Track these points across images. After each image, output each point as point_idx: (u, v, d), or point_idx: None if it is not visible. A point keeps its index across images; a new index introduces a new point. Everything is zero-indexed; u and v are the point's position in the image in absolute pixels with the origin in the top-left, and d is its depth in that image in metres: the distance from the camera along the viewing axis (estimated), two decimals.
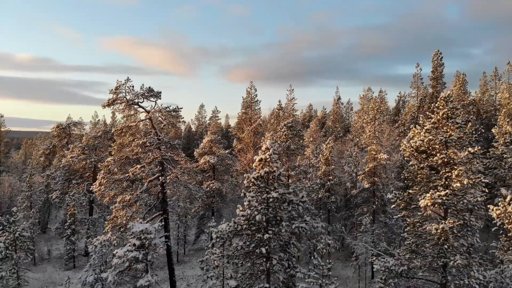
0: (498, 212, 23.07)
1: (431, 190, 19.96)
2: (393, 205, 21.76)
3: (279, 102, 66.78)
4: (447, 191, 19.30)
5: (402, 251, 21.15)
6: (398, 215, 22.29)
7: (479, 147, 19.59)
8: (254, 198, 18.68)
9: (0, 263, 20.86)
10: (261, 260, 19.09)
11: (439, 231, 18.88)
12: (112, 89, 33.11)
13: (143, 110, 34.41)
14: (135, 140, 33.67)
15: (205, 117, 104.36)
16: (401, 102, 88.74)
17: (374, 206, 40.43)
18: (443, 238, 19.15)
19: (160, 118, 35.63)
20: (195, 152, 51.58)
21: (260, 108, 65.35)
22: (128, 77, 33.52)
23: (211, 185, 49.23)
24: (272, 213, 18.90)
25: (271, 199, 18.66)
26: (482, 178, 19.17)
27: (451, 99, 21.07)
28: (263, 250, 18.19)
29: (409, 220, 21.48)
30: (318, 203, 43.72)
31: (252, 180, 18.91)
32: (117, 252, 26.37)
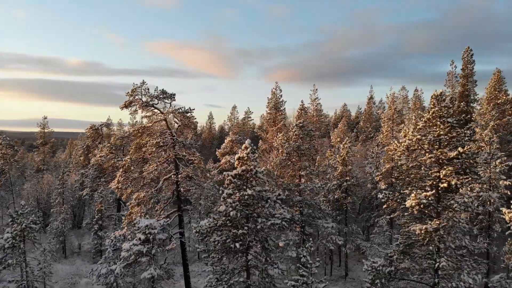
0: (511, 215, 22.32)
1: (418, 190, 19.64)
2: (384, 205, 21.56)
3: (302, 102, 66.64)
4: (433, 191, 18.95)
5: (391, 252, 20.93)
6: (392, 215, 22.04)
7: (469, 147, 19.05)
8: (229, 195, 19.30)
9: (10, 251, 22.81)
10: (237, 255, 19.65)
11: (423, 231, 18.58)
12: (128, 92, 34.87)
13: (159, 112, 35.94)
14: (151, 140, 35.24)
15: (237, 118, 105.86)
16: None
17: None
18: (427, 239, 18.81)
19: (175, 119, 37.09)
20: (217, 152, 52.83)
21: (285, 108, 65.61)
22: (143, 80, 35.17)
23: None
24: (248, 209, 19.41)
25: (246, 196, 19.18)
26: (470, 178, 18.62)
27: (443, 98, 20.62)
28: (237, 245, 18.75)
29: (402, 220, 21.24)
30: (336, 204, 43.44)
31: (230, 178, 19.56)
32: (124, 246, 28.00)
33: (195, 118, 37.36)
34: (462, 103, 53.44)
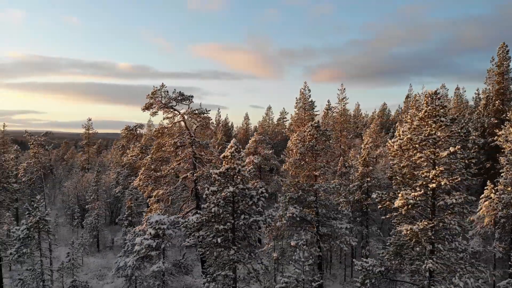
0: None
1: (408, 190, 19.43)
2: (379, 206, 21.45)
3: (328, 102, 66.13)
4: (421, 191, 18.70)
5: (383, 252, 20.78)
6: (387, 216, 21.84)
7: (459, 147, 18.61)
8: (214, 192, 20.04)
9: (28, 241, 25.00)
10: (221, 250, 20.33)
11: (409, 232, 18.37)
12: (148, 94, 36.69)
13: (177, 113, 37.48)
14: (170, 140, 36.87)
15: (272, 119, 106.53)
16: (477, 100, 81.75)
17: None
18: (414, 239, 18.57)
19: (194, 120, 38.50)
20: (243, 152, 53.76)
21: (314, 108, 65.43)
22: (162, 83, 36.85)
23: (255, 184, 50.87)
24: (231, 206, 20.06)
25: (228, 193, 19.82)
26: (460, 178, 18.19)
27: (438, 96, 20.26)
28: (219, 240, 19.45)
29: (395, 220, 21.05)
30: (357, 205, 43.00)
31: (215, 175, 20.30)
32: (136, 240, 29.61)
33: (211, 119, 38.61)
34: (497, 102, 50.93)
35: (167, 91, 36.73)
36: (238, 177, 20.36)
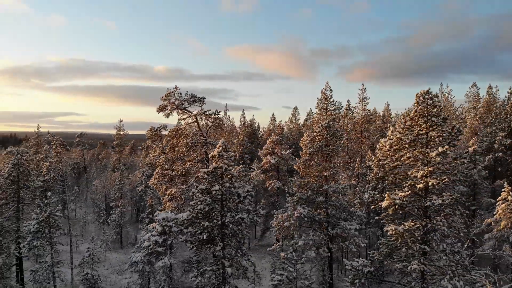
0: None
1: (396, 190, 19.31)
2: (372, 206, 21.36)
3: (348, 102, 65.30)
4: (409, 192, 18.56)
5: (374, 253, 20.70)
6: (380, 216, 21.70)
7: (447, 147, 18.32)
8: (202, 190, 20.65)
9: (39, 235, 26.64)
10: (207, 246, 20.91)
11: (393, 232, 18.27)
12: (163, 96, 37.97)
13: (190, 114, 38.56)
14: (183, 140, 38.00)
15: (299, 119, 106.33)
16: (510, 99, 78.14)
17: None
18: (400, 240, 18.43)
19: (207, 121, 39.46)
20: (259, 152, 54.34)
21: (335, 109, 64.95)
22: (176, 86, 38.04)
23: (272, 184, 51.35)
24: (218, 204, 20.59)
25: (214, 192, 20.36)
26: (446, 179, 17.92)
27: (430, 96, 20.02)
28: (204, 236, 20.03)
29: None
30: (371, 205, 42.44)
31: (203, 174, 20.91)
32: (144, 237, 30.83)
33: (222, 120, 39.42)
34: None
35: (180, 93, 37.88)
36: (226, 176, 20.93)
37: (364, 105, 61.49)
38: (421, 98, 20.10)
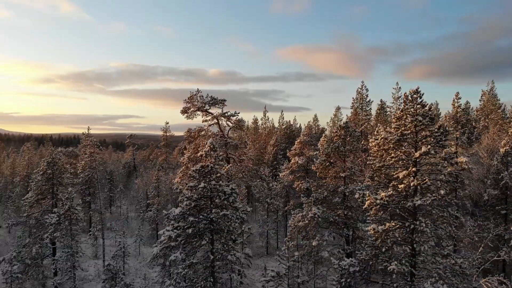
0: None
1: (380, 190, 19.17)
2: (365, 206, 21.31)
3: (381, 101, 63.38)
4: (390, 192, 18.40)
5: (362, 253, 20.60)
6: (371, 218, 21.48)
7: (429, 147, 17.91)
8: (191, 187, 21.62)
9: (60, 227, 29.17)
10: (195, 240, 21.84)
11: (373, 232, 18.15)
12: (186, 99, 39.77)
13: (212, 115, 40.01)
14: (204, 141, 39.52)
15: (341, 120, 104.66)
16: None
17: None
18: (379, 240, 18.28)
19: (228, 122, 40.72)
20: (288, 153, 54.69)
21: (371, 109, 63.63)
22: (198, 89, 39.73)
23: (300, 185, 51.49)
24: (204, 200, 21.45)
25: (200, 189, 21.22)
26: (427, 180, 17.54)
27: (419, 95, 19.67)
28: (189, 231, 20.94)
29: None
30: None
31: (191, 172, 21.87)
32: (160, 232, 32.56)
33: (244, 122, 40.44)
34: None
35: (202, 96, 39.44)
36: (213, 174, 21.84)
37: (399, 105, 59.53)
38: (409, 97, 19.75)
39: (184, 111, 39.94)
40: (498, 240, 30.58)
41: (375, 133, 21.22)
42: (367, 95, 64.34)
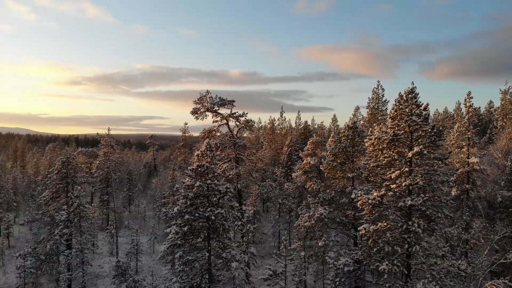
0: None
1: (373, 190, 19.13)
2: (360, 207, 21.29)
3: (395, 100, 62.57)
4: (383, 192, 18.35)
5: (356, 252, 20.57)
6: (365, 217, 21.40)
7: (422, 147, 17.77)
8: (187, 186, 22.05)
9: (69, 224, 30.22)
10: (191, 237, 22.24)
11: (364, 232, 18.13)
12: (195, 100, 40.38)
13: (221, 116, 40.47)
14: (213, 141, 40.06)
15: (360, 120, 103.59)
16: None
17: (465, 217, 35.60)
18: (370, 240, 18.24)
19: (237, 123, 41.08)
20: (301, 153, 54.62)
21: (387, 108, 62.82)
22: (207, 90, 40.20)
23: (312, 185, 51.34)
24: (200, 199, 21.84)
25: (195, 188, 21.59)
26: (418, 180, 17.41)
27: (414, 94, 19.55)
28: (185, 228, 21.35)
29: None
30: None
31: (188, 171, 22.28)
32: (167, 230, 33.25)
33: (254, 122, 40.70)
34: None
35: (212, 97, 39.95)
36: (209, 173, 22.23)
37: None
38: (403, 97, 19.63)
39: (194, 112, 40.53)
40: (506, 243, 29.80)
41: (369, 132, 21.14)
42: (383, 95, 63.61)
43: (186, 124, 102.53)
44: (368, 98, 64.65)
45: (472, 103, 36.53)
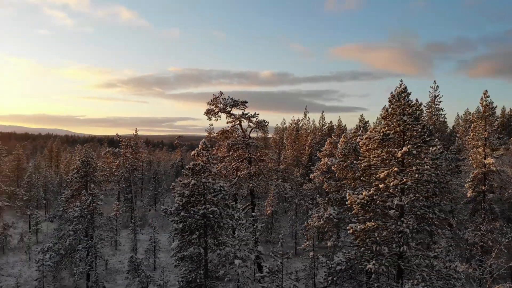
0: None
1: (363, 189, 19.19)
2: (349, 206, 21.37)
3: (416, 100, 60.96)
4: (371, 191, 18.40)
5: (348, 252, 20.64)
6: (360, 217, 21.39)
7: (409, 147, 17.68)
8: (184, 184, 22.72)
9: (82, 220, 31.69)
10: (187, 234, 22.88)
11: (352, 231, 18.20)
12: (209, 101, 41.24)
13: (234, 117, 41.15)
14: (226, 141, 40.83)
15: None
16: None
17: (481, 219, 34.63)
18: (358, 240, 18.29)
19: (250, 123, 41.63)
20: (318, 154, 54.47)
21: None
22: (220, 91, 40.98)
23: (329, 186, 51.11)
24: (195, 197, 22.45)
25: (190, 186, 22.20)
26: (406, 180, 17.35)
27: (406, 94, 19.48)
28: (180, 225, 22.00)
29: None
30: None
31: (184, 170, 22.94)
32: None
33: (267, 123, 41.09)
34: None
35: (225, 98, 40.69)
36: (204, 172, 22.86)
37: (437, 103, 56.98)
38: (396, 97, 19.57)
39: (208, 113, 41.37)
40: None
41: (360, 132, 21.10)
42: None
43: (211, 125, 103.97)
44: (388, 97, 63.41)
45: (489, 102, 35.45)
